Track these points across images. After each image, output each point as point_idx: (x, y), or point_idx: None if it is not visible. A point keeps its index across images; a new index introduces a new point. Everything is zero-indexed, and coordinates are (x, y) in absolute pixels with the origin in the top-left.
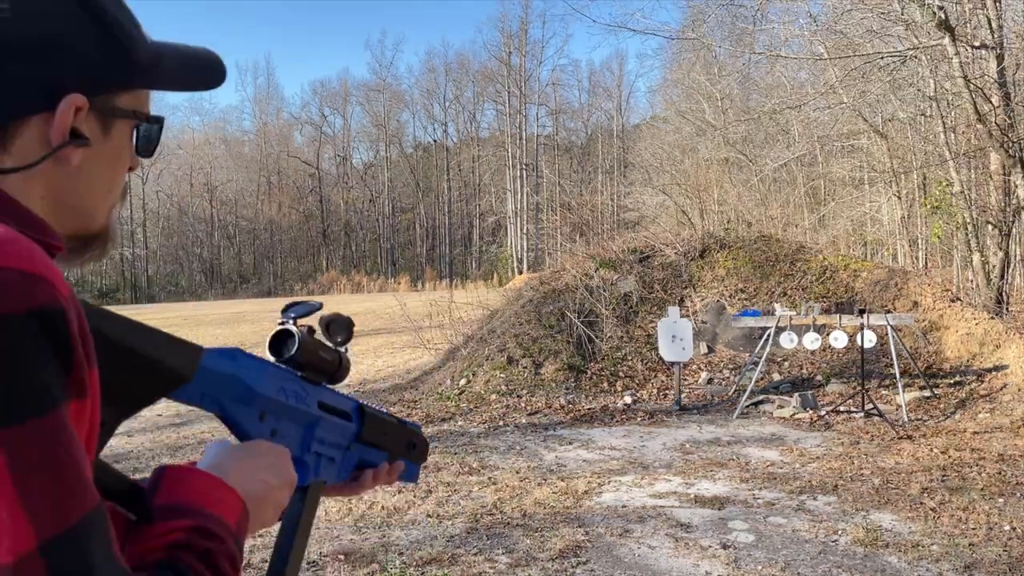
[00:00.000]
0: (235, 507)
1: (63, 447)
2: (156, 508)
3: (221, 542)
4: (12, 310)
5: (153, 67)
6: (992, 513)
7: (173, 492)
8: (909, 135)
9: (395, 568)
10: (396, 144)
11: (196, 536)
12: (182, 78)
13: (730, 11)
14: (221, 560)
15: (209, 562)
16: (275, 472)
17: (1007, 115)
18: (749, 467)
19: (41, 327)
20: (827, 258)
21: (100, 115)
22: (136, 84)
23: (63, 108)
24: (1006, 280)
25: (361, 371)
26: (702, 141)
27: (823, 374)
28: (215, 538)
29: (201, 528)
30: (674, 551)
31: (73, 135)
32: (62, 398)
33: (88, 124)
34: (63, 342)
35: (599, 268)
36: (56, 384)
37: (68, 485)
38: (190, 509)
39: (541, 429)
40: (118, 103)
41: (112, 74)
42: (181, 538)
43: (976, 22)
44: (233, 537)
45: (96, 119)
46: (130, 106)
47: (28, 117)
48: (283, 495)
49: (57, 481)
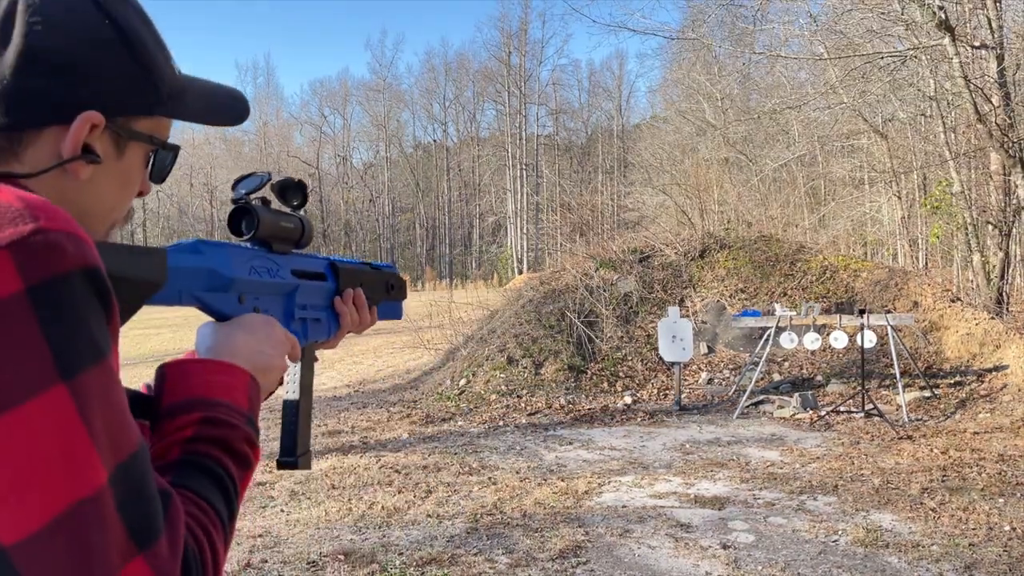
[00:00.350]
0: (243, 386)
1: (115, 392)
2: (165, 408)
3: (233, 428)
4: (71, 267)
5: (176, 98)
6: (992, 513)
7: (178, 389)
8: (909, 135)
9: (395, 568)
10: (396, 144)
11: (208, 427)
12: (203, 112)
13: (730, 11)
14: (238, 444)
15: (226, 447)
16: (271, 341)
17: (1007, 115)
18: (749, 467)
19: (91, 282)
20: (827, 258)
21: (116, 135)
22: (157, 112)
23: (78, 124)
24: (1006, 280)
25: (361, 371)
26: (702, 141)
27: (823, 374)
28: (226, 425)
29: (211, 418)
30: (674, 551)
31: (85, 151)
32: (108, 347)
33: (102, 142)
34: (106, 295)
35: (599, 268)
36: (104, 334)
37: (122, 424)
38: (198, 401)
39: (541, 429)
40: (136, 126)
41: (134, 99)
42: (194, 432)
43: (976, 22)
44: (245, 418)
45: (111, 138)
46: (148, 131)
47: (44, 128)
48: (283, 361)
49: (115, 421)
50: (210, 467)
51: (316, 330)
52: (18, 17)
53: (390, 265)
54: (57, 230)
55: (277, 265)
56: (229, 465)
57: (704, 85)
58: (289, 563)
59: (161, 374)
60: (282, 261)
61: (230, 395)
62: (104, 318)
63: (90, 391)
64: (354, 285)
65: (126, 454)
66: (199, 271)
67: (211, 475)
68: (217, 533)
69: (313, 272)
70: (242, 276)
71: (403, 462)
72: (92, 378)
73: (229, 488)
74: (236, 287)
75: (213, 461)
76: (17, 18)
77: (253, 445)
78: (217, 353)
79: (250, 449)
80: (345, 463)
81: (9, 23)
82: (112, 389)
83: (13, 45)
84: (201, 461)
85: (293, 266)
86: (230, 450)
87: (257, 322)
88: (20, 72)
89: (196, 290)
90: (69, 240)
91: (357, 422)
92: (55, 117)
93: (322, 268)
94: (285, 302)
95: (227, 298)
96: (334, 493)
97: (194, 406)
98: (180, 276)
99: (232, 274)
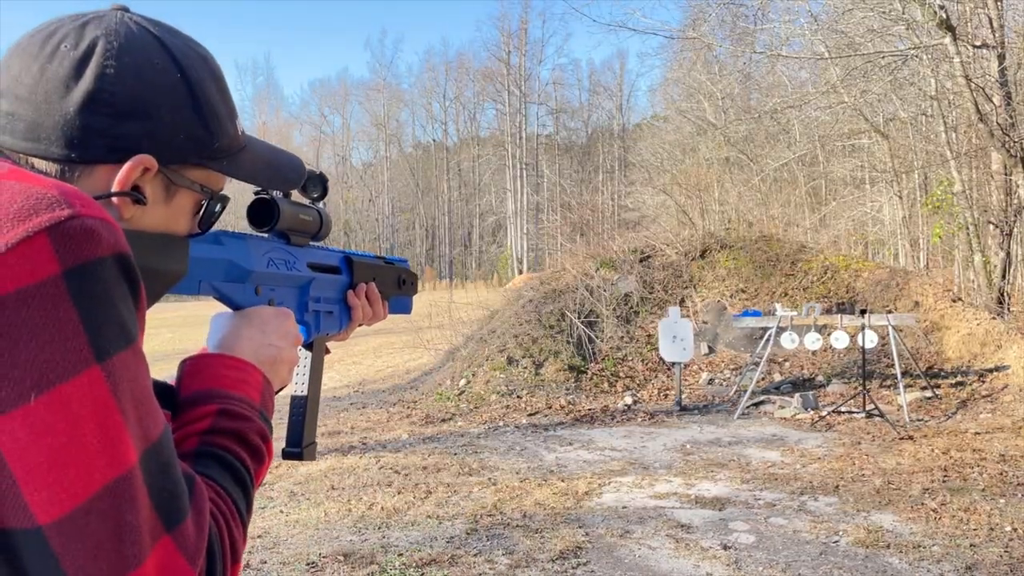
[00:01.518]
0: (256, 381)
1: (143, 376)
2: (184, 399)
3: (247, 420)
4: (106, 253)
5: (232, 157)
6: (993, 514)
7: (194, 382)
8: (910, 135)
9: (395, 569)
10: (396, 144)
11: (223, 419)
12: (255, 175)
13: (731, 10)
14: (251, 436)
15: (241, 439)
16: (281, 335)
17: (1008, 115)
18: (750, 468)
19: (122, 268)
20: (828, 258)
21: (167, 180)
22: (211, 167)
23: (129, 165)
24: (1007, 280)
25: (361, 371)
26: (703, 140)
27: (824, 374)
28: (240, 418)
29: (226, 411)
30: (675, 552)
31: (134, 191)
32: (137, 331)
33: (152, 185)
34: (135, 281)
35: (599, 268)
36: (133, 319)
37: (149, 407)
38: (215, 393)
39: (541, 430)
40: (189, 175)
41: (190, 151)
42: (210, 424)
43: (977, 21)
44: (258, 412)
45: (162, 183)
46: (200, 180)
47: (97, 164)
48: (293, 354)
49: (143, 404)
50: (228, 459)
51: (328, 323)
52: (95, 58)
53: (403, 260)
54: (92, 216)
55: (294, 257)
56: (245, 458)
57: (705, 84)
58: (288, 564)
59: (181, 367)
60: (299, 254)
61: (243, 389)
62: (133, 304)
63: (122, 374)
64: (367, 279)
65: (155, 436)
66: (218, 262)
67: (229, 467)
68: (235, 523)
69: (329, 265)
70: (260, 268)
71: (403, 463)
72: (123, 361)
73: (246, 480)
74: (253, 279)
75: (230, 453)
76: (94, 59)
77: (266, 439)
78: (224, 346)
79: (263, 443)
80: (345, 463)
81: (86, 61)
82: (141, 373)
83: (83, 83)
84: (219, 452)
85: (309, 259)
86: (245, 443)
87: (268, 315)
88: (84, 110)
89: (215, 280)
90: (103, 226)
91: (357, 422)
92: (110, 156)
93: (337, 262)
94: (299, 294)
95: (244, 289)
96: (333, 494)
97: (212, 398)
98: (200, 266)
99: (250, 266)
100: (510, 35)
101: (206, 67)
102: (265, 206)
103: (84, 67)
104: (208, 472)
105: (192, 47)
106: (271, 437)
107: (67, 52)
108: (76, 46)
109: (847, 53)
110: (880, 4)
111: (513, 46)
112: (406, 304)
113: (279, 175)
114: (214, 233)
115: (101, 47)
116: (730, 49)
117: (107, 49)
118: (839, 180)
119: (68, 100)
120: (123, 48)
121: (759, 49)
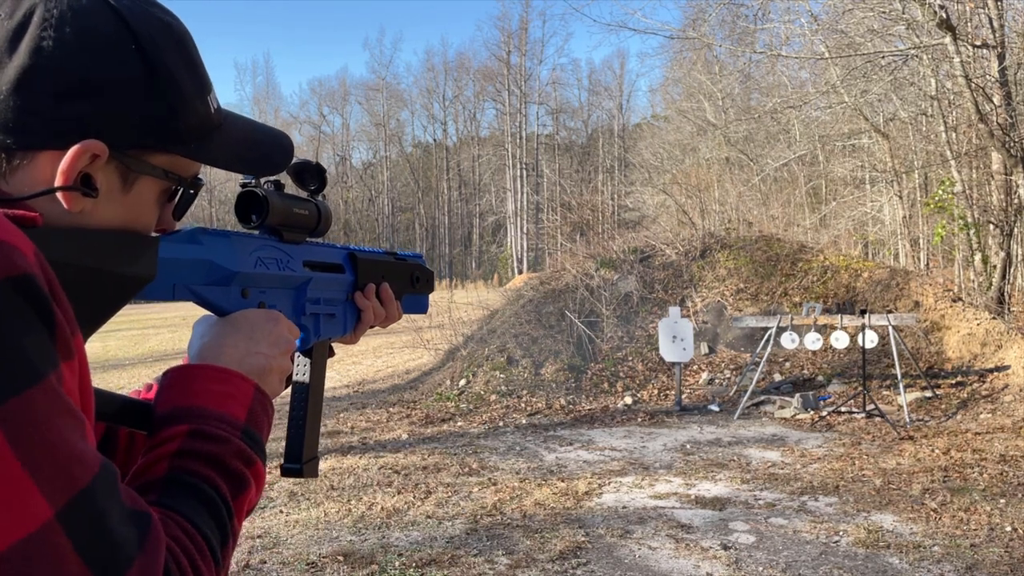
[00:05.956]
0: (244, 394)
1: (61, 414)
2: (158, 418)
3: (224, 442)
4: None
5: (202, 138)
6: (994, 514)
7: (169, 397)
8: (910, 135)
9: (395, 569)
10: (395, 143)
11: (196, 441)
12: (230, 159)
13: (731, 10)
14: (230, 460)
15: (217, 464)
16: (271, 341)
17: (1009, 115)
18: (750, 468)
19: (21, 293)
20: (828, 258)
21: (123, 167)
22: (174, 151)
23: (73, 152)
24: (1008, 280)
25: (360, 371)
26: (703, 140)
27: (824, 374)
28: (215, 440)
29: (199, 431)
30: (675, 552)
31: (84, 181)
32: (53, 363)
33: (106, 173)
34: (43, 306)
35: (599, 268)
36: (44, 349)
37: (71, 450)
38: (187, 412)
39: (541, 430)
40: (150, 160)
41: (148, 135)
42: (180, 445)
43: (977, 21)
44: (240, 431)
45: (117, 171)
46: (165, 166)
47: (39, 151)
48: (285, 362)
49: (60, 448)
50: (199, 487)
51: (330, 326)
52: (31, 28)
53: (417, 255)
54: None
55: (288, 256)
56: (220, 485)
57: (705, 84)
58: (288, 564)
59: (161, 380)
60: (294, 251)
61: (225, 405)
62: (48, 328)
63: (24, 417)
64: (375, 277)
65: (83, 482)
66: (197, 263)
67: (200, 496)
68: (204, 561)
69: (329, 263)
70: (246, 269)
71: (403, 463)
72: (27, 403)
73: (221, 511)
74: (238, 281)
75: (202, 480)
76: (29, 29)
77: (250, 463)
78: (205, 356)
79: (246, 467)
80: (344, 464)
81: (21, 32)
82: (57, 412)
83: (16, 58)
84: (189, 480)
85: (306, 257)
86: (222, 468)
87: (257, 319)
88: (19, 89)
89: (193, 284)
90: None
91: (356, 422)
92: (53, 142)
93: (340, 259)
94: (295, 296)
95: (228, 292)
96: (333, 494)
97: (182, 417)
98: (174, 268)
99: (235, 267)
100: (510, 35)
101: (169, 34)
102: (253, 199)
103: (19, 40)
104: (175, 505)
105: (152, 11)
106: (260, 458)
107: (1, 23)
108: (11, 15)
109: (847, 53)
110: (880, 4)
111: (513, 46)
112: (421, 303)
113: (261, 156)
114: (191, 231)
115: (39, 15)
116: (730, 49)
117: (45, 18)
118: (839, 180)
119: (1, 78)
120: (64, 16)
121: (759, 49)
